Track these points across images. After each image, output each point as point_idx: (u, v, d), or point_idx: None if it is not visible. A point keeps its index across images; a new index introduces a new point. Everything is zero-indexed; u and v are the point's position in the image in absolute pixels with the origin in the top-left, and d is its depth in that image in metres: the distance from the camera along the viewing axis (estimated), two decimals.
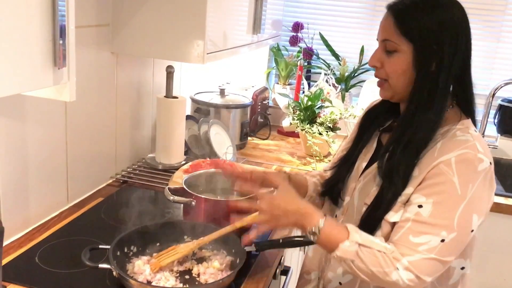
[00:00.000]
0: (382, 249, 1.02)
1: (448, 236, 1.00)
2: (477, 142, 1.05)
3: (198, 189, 1.48)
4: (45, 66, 0.86)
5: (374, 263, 1.01)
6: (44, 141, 1.38)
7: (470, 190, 1.01)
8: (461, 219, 1.01)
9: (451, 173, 1.02)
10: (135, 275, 1.15)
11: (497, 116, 2.60)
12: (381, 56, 1.11)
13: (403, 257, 1.00)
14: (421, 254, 1.00)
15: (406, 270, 0.99)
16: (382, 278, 1.01)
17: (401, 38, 1.06)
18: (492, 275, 2.15)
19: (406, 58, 1.07)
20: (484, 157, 1.03)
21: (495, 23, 2.57)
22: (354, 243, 1.02)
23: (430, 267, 1.01)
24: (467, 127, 1.09)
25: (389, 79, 1.11)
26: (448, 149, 1.04)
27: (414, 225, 1.02)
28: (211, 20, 1.54)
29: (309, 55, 2.69)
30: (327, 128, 2.21)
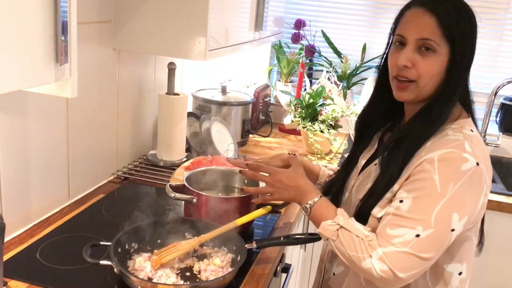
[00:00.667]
0: (361, 235, 1.04)
1: (423, 232, 1.00)
2: (467, 142, 1.04)
3: (199, 186, 1.48)
4: (47, 62, 0.86)
5: (351, 247, 1.04)
6: (45, 138, 1.38)
7: (451, 189, 1.00)
8: (439, 217, 1.00)
9: (432, 170, 1.02)
10: (136, 272, 1.15)
11: (499, 114, 2.59)
12: (413, 56, 1.06)
13: (379, 247, 1.01)
14: (395, 247, 1.00)
15: (380, 260, 1.00)
16: (357, 264, 1.03)
17: (442, 39, 1.04)
18: (493, 274, 2.15)
19: (442, 60, 1.05)
20: (470, 157, 1.02)
21: (498, 21, 2.56)
22: (335, 224, 1.08)
23: (403, 261, 1.00)
24: (462, 127, 1.08)
25: (420, 80, 1.07)
26: (435, 148, 1.04)
27: (392, 218, 1.04)
28: (213, 17, 1.53)
29: (311, 53, 2.69)
30: (329, 126, 2.21)
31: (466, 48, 1.06)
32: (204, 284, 1.14)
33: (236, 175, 1.57)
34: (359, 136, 1.30)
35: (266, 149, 2.30)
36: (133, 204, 1.36)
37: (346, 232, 1.06)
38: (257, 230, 1.49)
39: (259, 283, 1.21)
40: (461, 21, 1.06)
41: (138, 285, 1.09)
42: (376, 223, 1.09)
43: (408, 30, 1.07)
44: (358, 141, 1.30)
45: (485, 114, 2.53)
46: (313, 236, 1.34)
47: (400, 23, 1.10)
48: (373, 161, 1.21)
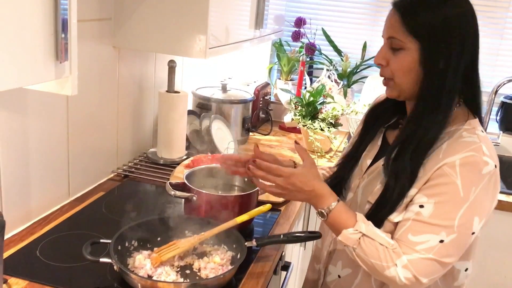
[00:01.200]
0: (385, 243, 1.03)
1: (447, 237, 1.00)
2: (484, 144, 1.04)
3: (199, 184, 1.48)
4: (47, 60, 0.86)
5: (374, 255, 1.02)
6: (45, 135, 1.38)
7: (473, 193, 1.00)
8: (462, 221, 1.00)
9: (454, 175, 1.01)
10: (136, 270, 1.15)
11: (499, 113, 2.59)
12: (387, 54, 1.09)
13: (403, 255, 1.01)
14: (419, 254, 1.00)
15: (405, 268, 1.00)
16: (380, 272, 1.02)
17: (407, 35, 1.04)
18: (492, 273, 2.15)
19: (412, 56, 1.05)
20: (489, 160, 1.02)
21: (498, 20, 2.56)
22: (357, 232, 1.05)
23: (427, 267, 1.00)
24: (474, 128, 1.08)
25: (394, 77, 1.09)
26: (454, 151, 1.03)
27: (413, 224, 1.03)
28: (214, 14, 1.53)
29: (311, 51, 2.69)
30: (329, 124, 2.21)
31: (438, 42, 1.03)
32: (204, 282, 1.14)
33: None
34: (366, 130, 1.27)
35: (266, 147, 2.30)
36: (133, 202, 1.36)
37: (369, 240, 1.03)
38: (257, 228, 1.49)
39: (259, 281, 1.21)
40: (431, 14, 1.03)
41: (138, 283, 1.09)
42: (392, 227, 1.07)
43: (384, 30, 1.10)
44: (363, 135, 1.27)
45: (486, 113, 2.52)
46: (313, 234, 1.34)
47: None
48: (378, 161, 1.18)
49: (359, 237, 1.04)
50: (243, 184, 1.54)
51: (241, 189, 1.54)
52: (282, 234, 1.33)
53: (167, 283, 1.10)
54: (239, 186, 1.56)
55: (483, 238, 2.23)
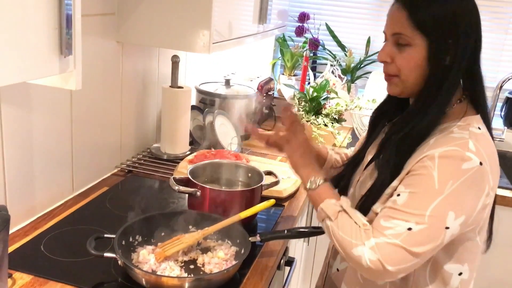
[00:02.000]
0: (359, 223, 1.03)
1: (416, 226, 0.98)
2: (472, 140, 1.01)
3: (203, 179, 1.48)
4: (51, 54, 0.86)
5: (346, 231, 1.03)
6: (49, 130, 1.39)
7: (449, 186, 0.98)
8: (434, 213, 0.98)
9: (432, 167, 0.99)
10: (140, 265, 1.15)
11: (504, 108, 2.58)
12: (392, 51, 1.06)
13: (372, 237, 1.00)
14: (386, 238, 0.98)
15: (371, 250, 0.98)
16: (348, 249, 1.01)
17: (414, 31, 1.02)
18: (496, 269, 2.14)
19: (420, 52, 1.03)
20: (473, 156, 0.99)
21: (503, 15, 2.54)
22: (339, 205, 1.07)
23: (393, 253, 0.98)
24: (469, 124, 1.05)
25: (400, 74, 1.07)
26: (438, 145, 1.01)
27: (387, 211, 1.02)
28: (217, 9, 1.53)
29: (315, 46, 2.68)
30: (333, 120, 2.21)
31: (446, 38, 1.02)
32: (208, 277, 1.14)
33: (240, 168, 1.57)
34: (372, 129, 1.27)
35: None
36: (137, 197, 1.36)
37: (346, 216, 1.05)
38: (261, 223, 1.49)
39: (262, 276, 1.21)
40: (437, 11, 1.02)
41: (142, 278, 1.09)
42: (374, 217, 1.07)
43: (386, 26, 1.09)
44: (370, 134, 1.28)
45: (490, 108, 2.52)
46: (316, 229, 1.34)
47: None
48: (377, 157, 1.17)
49: (338, 210, 1.06)
50: (247, 180, 1.54)
51: (245, 185, 1.54)
52: (286, 229, 1.33)
53: (171, 278, 1.10)
54: (242, 182, 1.56)
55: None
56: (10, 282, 1.10)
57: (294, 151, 1.22)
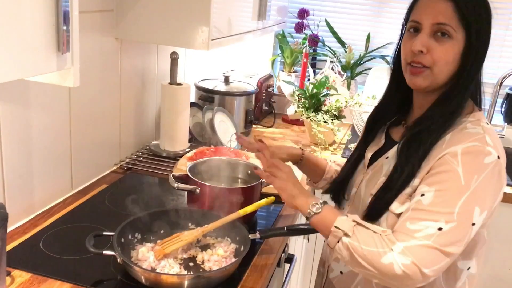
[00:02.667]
0: (378, 231, 1.00)
1: (446, 225, 0.96)
2: (488, 135, 1.02)
3: (202, 176, 1.48)
4: (49, 51, 0.85)
5: (368, 243, 0.97)
6: (48, 127, 1.38)
7: (475, 181, 0.97)
8: (462, 210, 0.97)
9: (455, 163, 0.99)
10: (139, 262, 1.15)
11: (504, 105, 2.57)
12: (429, 41, 1.03)
13: (398, 241, 0.96)
14: (417, 240, 0.95)
15: (402, 254, 0.94)
16: (376, 260, 0.96)
17: (459, 24, 1.01)
18: (497, 266, 2.14)
19: (458, 46, 1.02)
20: (492, 150, 1.00)
21: (504, 10, 2.53)
22: (351, 220, 1.02)
23: (428, 255, 0.95)
24: (479, 120, 1.06)
25: (434, 66, 1.04)
26: (457, 141, 1.01)
27: (412, 213, 1.00)
28: (216, 6, 1.52)
29: (314, 42, 2.67)
30: (332, 116, 2.20)
31: (482, 34, 1.03)
32: (208, 274, 1.14)
33: (239, 166, 1.57)
34: (368, 131, 1.27)
35: (269, 140, 2.29)
36: (136, 195, 1.35)
37: (362, 228, 1.00)
38: (261, 221, 1.49)
39: (262, 274, 1.21)
40: (478, 6, 1.03)
41: (141, 275, 1.09)
42: (394, 219, 1.05)
43: (423, 15, 1.04)
44: (366, 136, 1.27)
45: (490, 105, 2.51)
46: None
47: (415, 9, 1.07)
48: (381, 155, 1.18)
49: (353, 225, 1.01)
50: (246, 177, 1.54)
51: (244, 182, 1.54)
52: (286, 226, 1.32)
53: (171, 276, 1.10)
54: (242, 179, 1.55)
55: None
56: (9, 280, 1.09)
57: (285, 184, 1.13)
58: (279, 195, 1.15)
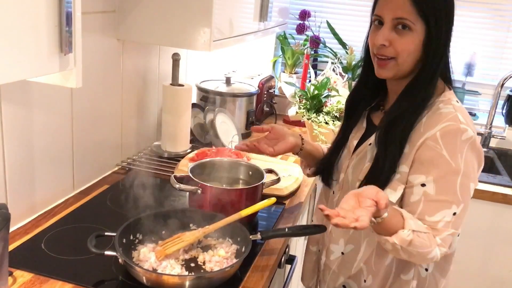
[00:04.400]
0: (425, 230, 1.06)
1: (458, 209, 1.07)
2: (459, 113, 1.09)
3: (203, 177, 1.48)
4: (51, 52, 0.86)
5: (423, 245, 1.04)
6: (50, 128, 1.38)
7: (461, 160, 1.06)
8: (462, 190, 1.07)
9: (439, 147, 1.07)
10: (141, 263, 1.15)
11: (505, 106, 2.57)
12: (391, 35, 1.10)
13: (436, 236, 1.06)
14: (446, 232, 1.06)
15: (440, 247, 1.06)
16: (424, 257, 1.06)
17: (417, 17, 1.08)
18: (497, 267, 2.14)
19: (418, 37, 1.09)
20: (466, 127, 1.08)
21: (505, 12, 2.54)
22: (410, 232, 1.03)
23: (450, 240, 1.08)
24: (449, 99, 1.14)
25: (398, 57, 1.11)
26: (433, 123, 1.09)
27: (426, 206, 1.08)
28: (218, 7, 1.52)
29: (316, 44, 2.67)
30: (334, 118, 2.20)
31: (442, 24, 1.10)
32: (209, 275, 1.14)
33: (240, 166, 1.57)
34: (348, 116, 1.33)
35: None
36: (138, 195, 1.35)
37: (419, 234, 1.04)
38: (262, 222, 1.49)
39: (263, 275, 1.21)
40: (435, 1, 1.09)
41: (143, 276, 1.09)
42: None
43: (384, 10, 1.11)
44: (346, 120, 1.33)
45: (491, 106, 2.51)
46: (317, 227, 1.33)
47: (377, 3, 1.15)
48: (365, 141, 1.23)
49: (412, 237, 1.03)
50: (248, 178, 1.54)
51: (246, 183, 1.54)
52: (287, 227, 1.33)
53: (172, 276, 1.10)
54: (243, 180, 1.55)
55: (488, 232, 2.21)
56: (11, 280, 1.09)
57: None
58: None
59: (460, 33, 2.59)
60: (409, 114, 1.12)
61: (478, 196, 2.07)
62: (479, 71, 2.64)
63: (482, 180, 2.14)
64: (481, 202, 2.07)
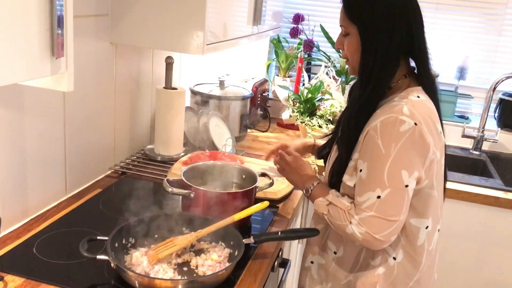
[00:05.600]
0: (343, 207, 1.20)
1: (383, 192, 1.14)
2: (407, 106, 1.15)
3: (197, 181, 1.48)
4: (43, 55, 0.86)
5: (336, 218, 1.20)
6: (42, 132, 1.38)
7: (394, 149, 1.13)
8: (390, 176, 1.13)
9: (376, 136, 1.15)
10: (133, 267, 1.14)
11: (497, 110, 2.59)
12: (342, 39, 1.27)
13: (356, 215, 1.17)
14: (366, 212, 1.15)
15: (358, 226, 1.16)
16: (343, 230, 1.19)
17: (349, 22, 1.22)
18: (490, 269, 2.15)
19: (355, 39, 1.22)
20: (406, 118, 1.13)
21: (497, 16, 2.56)
22: (325, 200, 1.24)
23: (376, 225, 1.15)
24: (409, 93, 1.20)
25: (348, 58, 1.27)
26: (380, 114, 1.17)
27: (358, 187, 1.19)
28: (211, 10, 1.52)
29: (309, 47, 2.68)
30: (327, 121, 2.21)
31: (370, 28, 1.19)
32: (202, 279, 1.14)
33: (234, 170, 1.57)
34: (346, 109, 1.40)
35: (264, 144, 2.29)
36: (131, 199, 1.35)
37: (334, 206, 1.22)
38: (255, 225, 1.49)
39: (256, 278, 1.21)
40: (360, 7, 1.20)
41: (135, 280, 1.08)
42: (347, 189, 1.23)
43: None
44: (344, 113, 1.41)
45: (484, 110, 2.53)
46: (310, 230, 1.34)
47: None
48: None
49: (326, 204, 1.23)
50: (241, 181, 1.54)
51: (239, 186, 1.54)
52: (280, 231, 1.33)
53: (164, 281, 1.10)
54: (236, 183, 1.55)
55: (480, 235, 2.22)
56: (2, 284, 1.09)
57: (286, 174, 1.45)
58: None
59: (453, 37, 2.61)
60: (364, 106, 1.21)
61: (471, 199, 2.08)
62: (472, 74, 2.65)
63: (475, 183, 2.15)
64: (473, 205, 2.08)
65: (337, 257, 1.32)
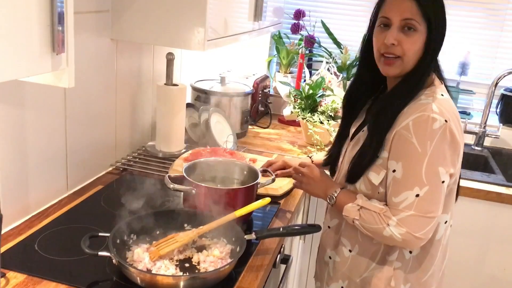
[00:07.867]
0: (377, 210, 1.19)
1: (421, 191, 1.14)
2: (435, 104, 1.16)
3: (198, 177, 1.48)
4: (44, 51, 0.85)
5: (371, 221, 1.19)
6: (43, 128, 1.38)
7: (429, 146, 1.13)
8: (428, 173, 1.14)
9: (409, 135, 1.15)
10: (135, 263, 1.14)
11: (499, 105, 2.58)
12: (399, 35, 1.20)
13: (393, 216, 1.16)
14: (404, 213, 1.15)
15: (397, 227, 1.15)
16: (380, 234, 1.18)
17: (422, 19, 1.18)
18: (492, 265, 2.15)
19: (422, 37, 1.19)
20: (438, 116, 1.14)
21: (499, 12, 2.54)
22: (356, 205, 1.23)
23: (416, 223, 1.15)
24: (434, 92, 1.21)
25: (404, 56, 1.20)
26: (410, 113, 1.17)
27: (392, 188, 1.18)
28: (212, 6, 1.52)
29: (310, 43, 2.67)
30: (328, 117, 2.20)
31: (440, 27, 1.21)
32: (203, 275, 1.14)
33: (235, 166, 1.57)
34: (347, 112, 1.42)
35: (265, 141, 2.29)
36: (132, 196, 1.35)
37: (366, 210, 1.21)
38: (256, 221, 1.49)
39: (258, 274, 1.21)
40: (435, 4, 1.20)
41: (137, 276, 1.08)
42: (368, 185, 1.24)
43: (392, 12, 1.21)
44: (347, 116, 1.42)
45: (485, 105, 2.52)
46: (312, 226, 1.34)
47: (383, 6, 1.24)
48: (361, 129, 1.32)
49: (358, 209, 1.22)
50: (242, 177, 1.54)
51: (240, 182, 1.54)
52: (282, 227, 1.33)
53: (166, 277, 1.10)
54: (238, 179, 1.55)
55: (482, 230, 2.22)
56: (4, 281, 1.09)
57: (305, 186, 1.42)
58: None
59: (454, 33, 2.60)
60: (395, 105, 1.21)
61: (473, 195, 2.07)
62: (473, 70, 2.64)
63: (477, 179, 2.14)
64: (475, 201, 2.08)
65: (352, 255, 1.33)
